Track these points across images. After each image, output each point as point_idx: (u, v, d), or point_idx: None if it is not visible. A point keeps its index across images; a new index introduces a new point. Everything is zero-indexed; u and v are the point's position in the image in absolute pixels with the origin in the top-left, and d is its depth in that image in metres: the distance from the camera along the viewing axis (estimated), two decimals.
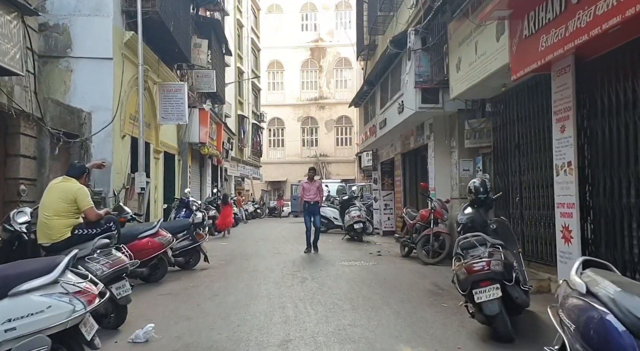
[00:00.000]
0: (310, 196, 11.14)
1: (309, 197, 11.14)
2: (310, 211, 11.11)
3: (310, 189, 11.19)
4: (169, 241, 7.93)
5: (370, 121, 15.35)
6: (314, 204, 11.18)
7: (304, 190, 11.23)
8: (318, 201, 11.36)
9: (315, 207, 11.21)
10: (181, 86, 13.59)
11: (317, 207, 11.34)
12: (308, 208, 11.13)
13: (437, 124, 10.36)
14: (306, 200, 11.16)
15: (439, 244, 9.32)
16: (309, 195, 11.16)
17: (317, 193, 11.21)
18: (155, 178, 13.71)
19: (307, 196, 11.15)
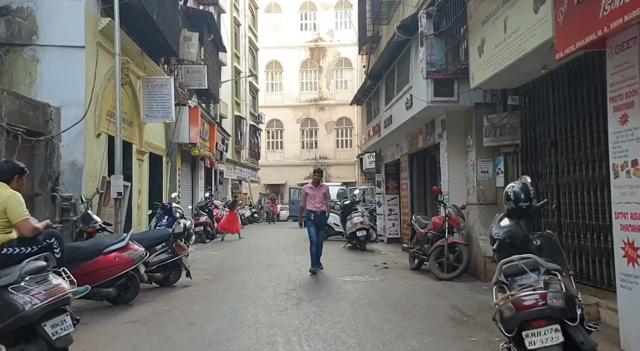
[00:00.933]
0: (315, 204, 8.99)
1: (315, 206, 8.99)
2: (316, 223, 9.04)
3: (315, 196, 9.02)
4: (140, 256, 6.75)
5: (373, 119, 14.18)
6: (320, 214, 9.04)
7: (308, 196, 9.08)
8: (325, 211, 9.18)
9: (322, 218, 9.11)
10: (167, 81, 12.43)
11: (325, 218, 9.29)
12: (313, 219, 9.01)
13: (450, 120, 9.20)
14: (311, 209, 9.02)
15: (454, 257, 8.14)
16: (314, 203, 9.01)
17: (324, 201, 9.08)
18: (140, 182, 12.54)
19: (312, 204, 9.02)
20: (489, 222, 8.50)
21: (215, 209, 17.80)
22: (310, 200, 9.06)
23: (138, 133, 12.38)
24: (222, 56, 24.75)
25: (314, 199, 9.04)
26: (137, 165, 12.27)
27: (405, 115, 10.05)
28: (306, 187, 9.29)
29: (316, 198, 9.02)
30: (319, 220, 9.07)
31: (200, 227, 15.40)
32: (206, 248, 13.90)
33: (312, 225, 9.01)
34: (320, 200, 9.04)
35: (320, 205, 9.02)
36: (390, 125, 11.64)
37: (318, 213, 9.00)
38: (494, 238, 4.32)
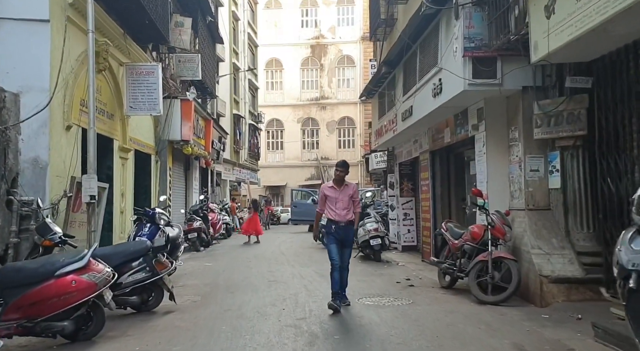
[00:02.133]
0: (338, 212, 6.44)
1: (337, 214, 6.44)
2: (340, 238, 6.45)
3: (338, 200, 6.49)
4: (106, 278, 5.20)
5: (386, 114, 12.64)
6: (345, 227, 6.46)
7: (327, 200, 6.56)
8: (352, 221, 6.57)
9: (348, 231, 6.52)
10: (154, 68, 10.87)
11: (352, 233, 6.65)
12: (335, 232, 6.43)
13: (490, 109, 7.66)
14: (332, 219, 6.46)
15: (501, 275, 6.59)
16: (336, 209, 6.46)
17: (351, 207, 6.54)
18: (123, 184, 10.98)
19: (334, 211, 6.46)
20: (542, 232, 6.97)
21: (211, 213, 16.26)
22: (330, 205, 6.52)
23: (121, 127, 10.83)
24: (220, 51, 23.32)
25: (336, 204, 6.48)
26: (119, 164, 10.72)
27: (432, 104, 8.52)
28: (325, 187, 6.70)
29: (339, 202, 6.48)
30: (343, 234, 6.45)
31: (193, 234, 13.87)
32: (199, 258, 12.35)
33: (333, 241, 6.45)
34: (346, 206, 6.47)
35: (345, 212, 6.46)
36: (409, 117, 10.10)
37: (342, 225, 6.42)
38: (626, 268, 2.78)
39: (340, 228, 6.46)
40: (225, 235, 18.46)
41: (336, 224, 6.44)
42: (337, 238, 6.47)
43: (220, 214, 17.54)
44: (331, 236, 6.51)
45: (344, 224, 6.46)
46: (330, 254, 6.53)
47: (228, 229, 19.09)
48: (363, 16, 39.17)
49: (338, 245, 6.48)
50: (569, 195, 6.66)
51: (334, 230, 6.46)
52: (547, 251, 6.49)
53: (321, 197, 6.70)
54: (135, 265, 6.31)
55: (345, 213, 6.49)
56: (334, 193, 6.57)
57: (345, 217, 6.47)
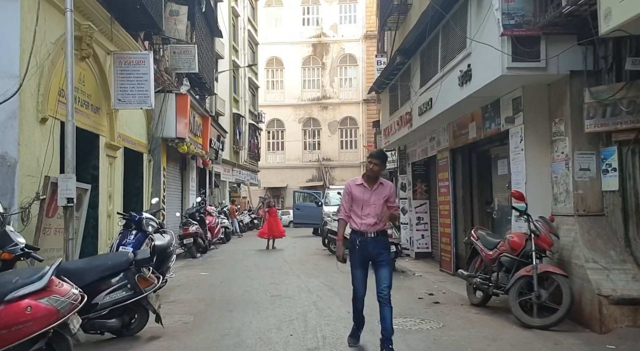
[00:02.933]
0: (365, 220, 4.73)
1: (366, 223, 4.73)
2: (367, 257, 4.76)
3: (367, 203, 4.77)
4: (71, 303, 4.15)
5: (399, 109, 11.61)
6: (376, 240, 4.74)
7: (354, 202, 4.83)
8: (386, 231, 4.91)
9: (379, 246, 4.76)
10: (144, 56, 9.83)
11: (386, 247, 4.84)
12: (361, 248, 4.73)
13: (529, 98, 6.62)
14: (357, 229, 4.77)
15: (549, 293, 5.55)
16: (363, 216, 4.75)
17: (384, 214, 4.75)
18: (110, 185, 9.94)
19: (360, 219, 4.76)
20: (597, 242, 5.84)
21: (209, 216, 15.22)
22: (357, 209, 4.77)
23: (108, 122, 9.79)
24: (220, 48, 22.34)
25: (364, 209, 4.73)
26: (105, 163, 9.68)
27: (458, 94, 7.49)
28: (352, 184, 4.92)
29: (369, 207, 4.72)
30: (371, 250, 4.69)
31: (189, 239, 12.84)
32: (195, 266, 11.31)
33: (357, 264, 4.74)
34: (378, 212, 4.70)
35: (374, 222, 4.69)
36: (428, 111, 9.07)
37: (371, 237, 4.69)
38: None
39: (368, 243, 4.66)
40: (224, 240, 17.42)
41: (363, 236, 4.68)
42: (363, 257, 4.68)
43: (218, 217, 16.50)
44: (354, 254, 4.73)
45: (375, 236, 4.69)
46: (353, 280, 4.79)
47: (227, 233, 18.04)
48: (366, 14, 38.30)
49: (364, 268, 4.74)
50: (629, 199, 5.63)
51: (360, 244, 4.67)
52: (604, 265, 5.46)
53: (346, 198, 4.87)
54: (115, 282, 5.28)
55: (375, 223, 4.67)
56: (363, 193, 4.74)
57: (375, 227, 4.69)
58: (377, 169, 4.81)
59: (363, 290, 4.82)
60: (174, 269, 10.22)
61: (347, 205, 4.88)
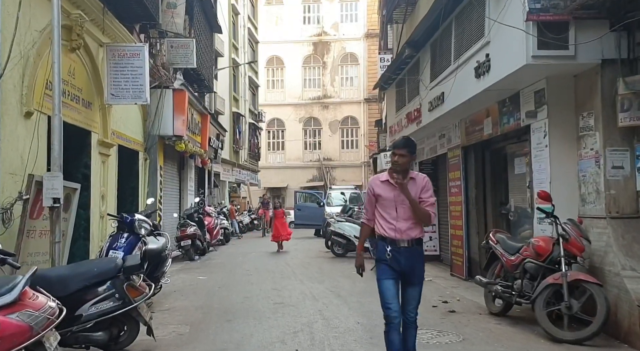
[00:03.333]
0: (397, 224, 3.85)
1: (396, 229, 3.84)
2: (401, 270, 3.83)
3: (397, 203, 3.87)
4: (47, 318, 3.63)
5: (407, 105, 11.10)
6: (409, 250, 3.85)
7: (379, 203, 3.96)
8: (421, 239, 3.97)
9: (414, 258, 3.88)
10: (139, 49, 9.32)
11: (420, 260, 3.97)
12: (392, 259, 3.81)
13: (554, 90, 6.11)
14: (386, 236, 3.87)
15: (581, 304, 5.03)
16: (393, 220, 3.87)
17: (417, 216, 3.86)
18: (103, 184, 9.42)
19: (389, 224, 3.87)
20: (634, 247, 5.19)
21: (207, 217, 14.70)
22: (384, 212, 3.91)
23: (101, 118, 9.26)
24: (219, 45, 21.83)
25: (393, 209, 3.87)
26: (98, 161, 9.16)
27: (474, 87, 6.98)
28: (375, 182, 4.03)
29: (401, 207, 3.85)
30: (406, 263, 3.82)
31: (187, 241, 12.32)
32: (193, 269, 10.79)
33: (388, 275, 3.83)
34: (410, 214, 3.84)
35: (409, 225, 3.84)
36: (440, 106, 8.56)
37: (405, 247, 3.82)
38: None
39: (401, 253, 3.78)
40: (224, 241, 16.90)
41: (393, 245, 3.80)
42: (396, 269, 3.79)
43: (217, 218, 15.98)
44: (384, 266, 3.82)
45: (407, 245, 3.80)
46: (382, 297, 3.80)
47: (226, 234, 17.51)
48: (367, 12, 37.81)
49: (397, 282, 3.81)
50: None
51: (390, 256, 3.78)
52: None
53: (369, 197, 4.03)
54: (101, 291, 4.76)
55: (410, 227, 3.81)
56: (390, 192, 3.84)
57: (408, 234, 3.80)
58: (404, 161, 3.83)
59: (397, 307, 3.76)
60: (170, 272, 9.72)
61: (371, 208, 4.01)
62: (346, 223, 12.67)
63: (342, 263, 11.47)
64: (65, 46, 7.69)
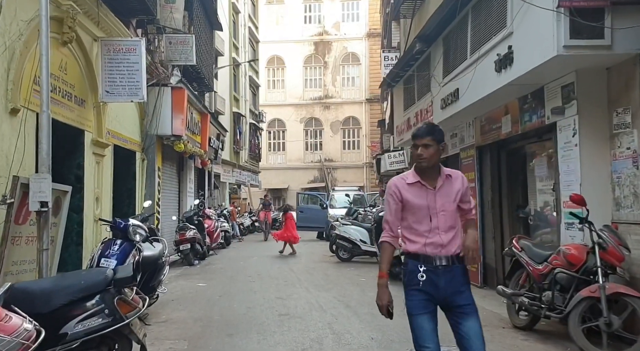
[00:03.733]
0: (433, 237, 2.89)
1: (432, 243, 2.89)
2: (440, 296, 2.87)
3: (434, 209, 2.92)
4: (20, 343, 3.12)
5: (416, 103, 10.62)
6: (452, 268, 2.89)
7: (408, 210, 2.96)
8: (464, 257, 2.92)
9: (458, 279, 2.89)
10: (136, 44, 8.85)
11: (466, 281, 2.96)
12: (427, 285, 2.86)
13: (584, 84, 5.62)
14: (418, 252, 2.90)
15: (622, 320, 4.54)
16: (427, 232, 2.91)
17: (457, 225, 2.97)
18: (98, 186, 8.95)
19: (423, 236, 2.90)
20: None
21: (207, 220, 14.20)
22: (414, 222, 2.96)
23: (95, 117, 8.79)
24: (220, 44, 21.37)
25: (427, 219, 2.93)
26: (92, 161, 8.68)
27: (494, 82, 6.49)
28: (399, 182, 3.02)
29: (437, 216, 2.93)
30: (445, 287, 2.87)
31: (186, 245, 11.82)
32: (192, 275, 10.29)
33: (423, 308, 2.88)
34: (451, 224, 2.94)
35: (449, 237, 2.91)
36: (454, 103, 8.08)
37: (443, 266, 2.88)
38: None
39: (439, 274, 2.86)
40: (224, 245, 16.40)
41: (428, 264, 2.88)
42: (434, 296, 2.87)
43: (218, 221, 15.49)
44: (416, 294, 2.89)
45: (447, 264, 2.87)
46: (416, 337, 2.88)
47: (227, 237, 17.02)
48: (369, 11, 37.37)
49: (434, 315, 2.89)
50: None
51: (425, 280, 2.86)
52: None
53: (391, 205, 3.01)
54: (89, 307, 4.25)
55: (450, 240, 2.90)
56: (423, 197, 2.93)
57: (448, 248, 2.89)
58: (431, 153, 2.86)
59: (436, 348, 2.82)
60: (168, 278, 9.24)
61: (395, 219, 2.97)
62: (352, 227, 12.19)
63: (349, 268, 10.98)
64: (56, 39, 7.24)
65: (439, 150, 2.92)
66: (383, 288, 2.97)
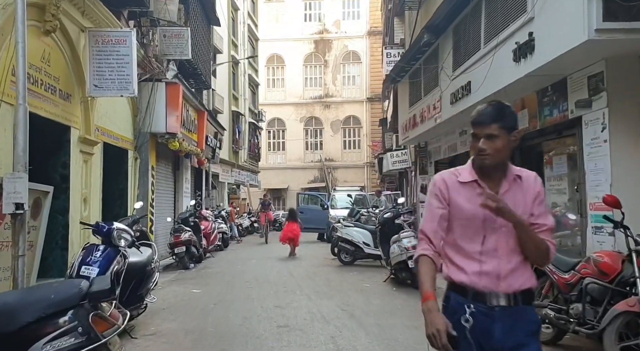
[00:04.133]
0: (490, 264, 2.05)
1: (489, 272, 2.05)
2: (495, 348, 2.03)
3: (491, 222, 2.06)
4: None
5: (423, 98, 10.09)
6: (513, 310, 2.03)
7: (456, 218, 2.13)
8: (532, 292, 2.13)
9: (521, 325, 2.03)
10: (126, 34, 8.33)
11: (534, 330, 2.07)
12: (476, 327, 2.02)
13: (615, 73, 5.09)
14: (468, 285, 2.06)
15: None
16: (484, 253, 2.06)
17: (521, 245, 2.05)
18: (86, 186, 8.42)
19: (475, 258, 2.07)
20: None
21: (204, 221, 13.67)
22: (462, 236, 2.11)
23: (82, 112, 8.26)
24: (218, 42, 20.88)
25: (481, 235, 2.09)
26: (79, 160, 8.15)
27: (512, 73, 5.97)
28: (449, 181, 2.16)
29: (496, 232, 2.07)
30: (501, 336, 2.02)
31: (181, 248, 11.28)
32: (186, 280, 9.76)
33: None
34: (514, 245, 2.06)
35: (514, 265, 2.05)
36: (465, 97, 7.56)
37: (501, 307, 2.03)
38: None
39: (495, 318, 2.03)
40: (222, 247, 15.87)
41: (480, 303, 2.05)
42: (482, 350, 2.05)
43: (215, 222, 14.95)
44: (457, 341, 1.97)
45: (507, 304, 2.04)
46: None
47: (225, 239, 16.49)
48: (370, 9, 36.87)
49: None
50: None
51: (472, 324, 2.03)
52: None
53: (433, 208, 2.16)
54: (61, 324, 3.71)
55: (513, 269, 2.05)
56: (475, 200, 2.06)
57: (510, 282, 2.04)
58: (497, 148, 2.04)
59: None
60: (161, 283, 8.71)
61: (436, 228, 2.14)
62: (354, 229, 11.65)
63: (351, 272, 10.45)
64: (37, 28, 6.72)
65: (509, 141, 2.05)
66: (433, 313, 1.98)
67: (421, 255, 2.15)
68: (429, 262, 2.12)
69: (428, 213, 2.18)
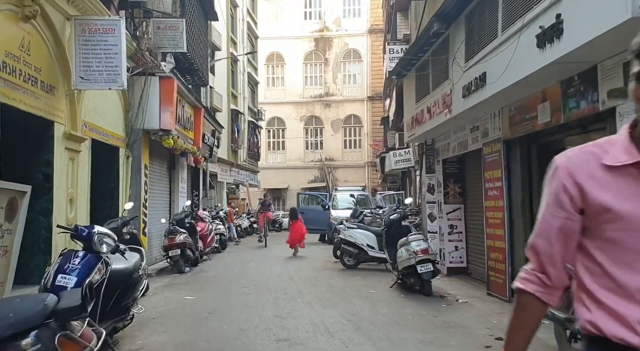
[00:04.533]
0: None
1: None
2: None
3: None
4: None
5: (432, 92, 9.54)
6: None
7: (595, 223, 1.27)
8: None
9: None
10: (115, 23, 7.77)
11: None
12: None
13: None
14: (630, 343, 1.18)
15: None
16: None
17: None
18: (72, 186, 7.87)
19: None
20: None
21: (200, 223, 13.11)
22: (612, 250, 1.26)
23: (68, 106, 7.70)
24: (217, 39, 20.32)
25: None
26: (64, 157, 7.60)
27: (535, 61, 5.40)
28: (578, 160, 1.30)
29: None
30: None
31: (175, 251, 10.71)
32: (180, 285, 9.20)
33: None
34: None
35: None
36: (480, 90, 7.00)
37: None
38: None
39: None
40: (219, 249, 15.31)
41: None
42: None
43: (212, 223, 14.39)
44: None
45: None
46: None
47: (223, 241, 15.93)
48: (370, 7, 36.34)
49: None
50: None
51: None
52: None
53: (548, 214, 1.36)
54: (23, 347, 3.18)
55: None
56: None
57: None
58: None
59: None
60: (153, 289, 8.20)
61: (559, 249, 1.35)
62: (358, 231, 11.10)
63: (355, 277, 9.90)
64: (14, 12, 6.16)
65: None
66: None
67: (522, 291, 1.40)
68: (534, 305, 1.37)
69: (542, 222, 1.38)
